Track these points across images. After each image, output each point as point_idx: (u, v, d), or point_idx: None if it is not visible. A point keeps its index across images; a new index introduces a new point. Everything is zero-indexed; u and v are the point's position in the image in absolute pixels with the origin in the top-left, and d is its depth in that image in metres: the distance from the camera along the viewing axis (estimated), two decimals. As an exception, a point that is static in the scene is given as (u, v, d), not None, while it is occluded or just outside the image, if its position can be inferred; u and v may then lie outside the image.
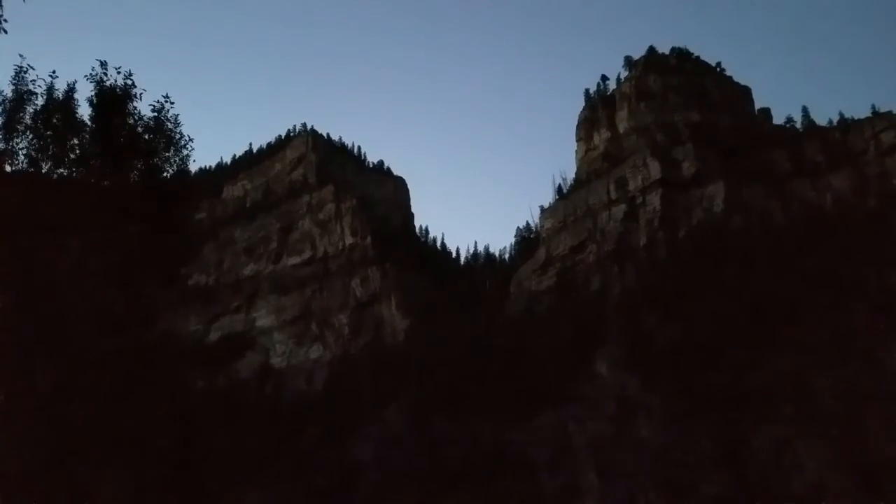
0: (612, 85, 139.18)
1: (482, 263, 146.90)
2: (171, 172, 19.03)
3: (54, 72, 17.47)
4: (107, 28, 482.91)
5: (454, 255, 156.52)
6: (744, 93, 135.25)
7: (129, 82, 17.78)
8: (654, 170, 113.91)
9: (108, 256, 16.79)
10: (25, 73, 17.04)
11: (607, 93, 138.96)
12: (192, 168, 21.68)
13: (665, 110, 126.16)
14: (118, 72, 17.69)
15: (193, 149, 19.07)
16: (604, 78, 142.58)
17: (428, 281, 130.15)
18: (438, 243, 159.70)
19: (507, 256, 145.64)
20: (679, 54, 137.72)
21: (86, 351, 15.94)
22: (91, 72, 17.42)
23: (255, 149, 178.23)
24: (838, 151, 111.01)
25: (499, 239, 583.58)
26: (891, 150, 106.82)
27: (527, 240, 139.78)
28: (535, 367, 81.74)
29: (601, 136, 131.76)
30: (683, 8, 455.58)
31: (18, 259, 15.95)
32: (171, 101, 18.45)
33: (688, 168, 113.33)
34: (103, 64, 17.52)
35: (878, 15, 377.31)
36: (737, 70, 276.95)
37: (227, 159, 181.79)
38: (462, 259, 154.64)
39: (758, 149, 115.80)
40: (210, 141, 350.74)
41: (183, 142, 18.81)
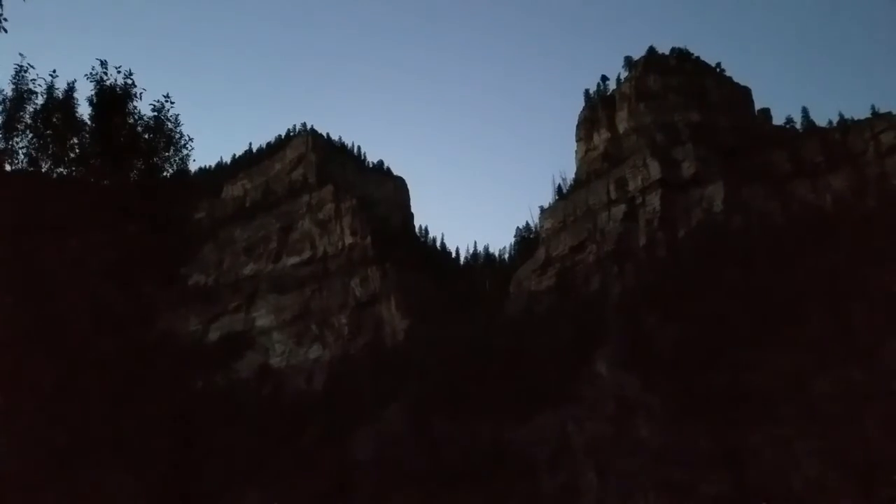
0: (612, 85, 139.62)
1: (482, 263, 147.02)
2: (171, 172, 18.99)
3: (54, 71, 17.42)
4: (107, 28, 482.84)
5: (454, 255, 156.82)
6: (743, 93, 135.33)
7: (129, 82, 17.73)
8: (654, 170, 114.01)
9: (108, 256, 16.76)
10: (25, 73, 16.97)
11: (607, 93, 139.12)
12: (192, 168, 21.69)
13: (665, 110, 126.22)
14: (118, 71, 17.63)
15: (193, 148, 19.03)
16: (604, 78, 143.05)
17: (428, 281, 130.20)
18: (438, 243, 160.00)
19: (507, 256, 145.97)
20: (679, 54, 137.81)
21: (85, 351, 15.92)
22: (91, 71, 17.37)
23: (255, 148, 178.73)
24: (838, 152, 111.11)
25: (498, 239, 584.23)
26: (890, 151, 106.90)
27: (526, 240, 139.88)
28: (535, 367, 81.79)
29: (601, 137, 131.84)
30: (683, 8, 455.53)
31: (18, 259, 15.93)
32: (172, 101, 18.40)
33: (687, 168, 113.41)
34: (103, 63, 17.47)
35: (878, 15, 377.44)
36: (737, 70, 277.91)
37: (227, 159, 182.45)
38: (462, 259, 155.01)
39: (757, 149, 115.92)
40: (210, 141, 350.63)
41: (183, 141, 18.78)
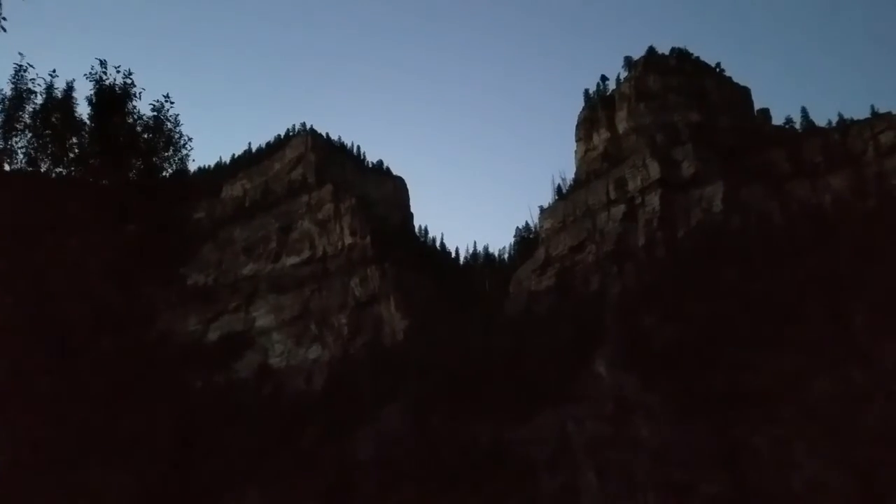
0: (612, 85, 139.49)
1: (481, 263, 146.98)
2: (171, 172, 18.97)
3: (54, 70, 17.36)
4: (106, 28, 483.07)
5: (453, 255, 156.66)
6: (743, 93, 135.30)
7: (129, 81, 17.65)
8: (654, 170, 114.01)
9: (108, 256, 16.74)
10: (25, 72, 16.89)
11: (607, 93, 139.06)
12: (192, 168, 21.61)
13: (664, 111, 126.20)
14: (118, 71, 17.56)
15: (193, 148, 18.97)
16: (603, 78, 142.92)
17: (427, 281, 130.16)
18: (438, 243, 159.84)
19: (507, 256, 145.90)
20: (679, 55, 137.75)
21: (85, 351, 15.92)
22: (90, 71, 17.29)
23: (255, 148, 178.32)
24: (837, 152, 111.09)
25: (498, 239, 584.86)
26: (890, 152, 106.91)
27: (526, 240, 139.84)
28: (535, 367, 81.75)
29: (601, 137, 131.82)
30: (683, 8, 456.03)
31: (18, 259, 15.92)
32: (171, 101, 18.33)
33: (687, 168, 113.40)
34: (103, 63, 17.40)
35: (878, 15, 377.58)
36: (736, 70, 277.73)
37: (227, 159, 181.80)
38: (461, 259, 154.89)
39: (757, 149, 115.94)
40: (209, 140, 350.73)
41: (182, 141, 18.72)
